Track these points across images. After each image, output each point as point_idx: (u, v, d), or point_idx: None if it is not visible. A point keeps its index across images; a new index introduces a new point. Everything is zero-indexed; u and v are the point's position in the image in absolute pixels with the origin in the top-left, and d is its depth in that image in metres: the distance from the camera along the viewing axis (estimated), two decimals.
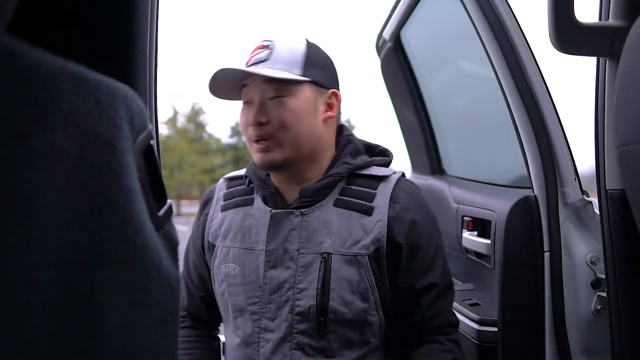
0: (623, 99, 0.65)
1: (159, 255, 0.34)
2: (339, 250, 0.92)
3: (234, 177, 1.11)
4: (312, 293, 0.91)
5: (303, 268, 0.93)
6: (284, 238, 0.95)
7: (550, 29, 0.77)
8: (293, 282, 0.93)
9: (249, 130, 0.96)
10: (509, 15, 1.13)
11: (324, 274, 0.91)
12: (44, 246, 0.24)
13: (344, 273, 0.91)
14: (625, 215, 0.74)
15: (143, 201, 0.33)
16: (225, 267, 1.00)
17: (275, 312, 0.94)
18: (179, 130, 28.97)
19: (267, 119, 0.94)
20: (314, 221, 0.95)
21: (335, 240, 0.93)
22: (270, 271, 0.94)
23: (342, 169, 0.98)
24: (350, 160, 0.99)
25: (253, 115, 0.94)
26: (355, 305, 0.91)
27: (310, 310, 0.91)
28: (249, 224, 0.99)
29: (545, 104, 1.12)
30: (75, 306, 0.27)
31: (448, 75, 1.74)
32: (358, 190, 0.97)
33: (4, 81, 0.22)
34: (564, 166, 1.11)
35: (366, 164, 1.00)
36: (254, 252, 0.97)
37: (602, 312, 1.05)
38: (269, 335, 0.94)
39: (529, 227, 1.12)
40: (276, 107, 0.94)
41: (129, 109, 0.32)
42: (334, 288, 0.91)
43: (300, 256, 0.93)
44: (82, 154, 0.27)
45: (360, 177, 0.99)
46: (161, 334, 0.34)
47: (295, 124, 0.94)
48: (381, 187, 0.97)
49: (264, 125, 0.94)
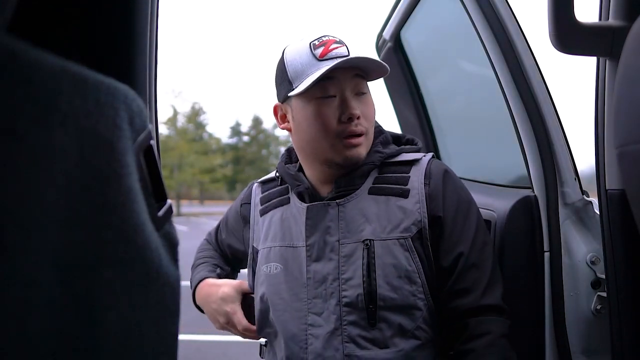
0: (623, 99, 0.65)
1: (159, 255, 0.34)
2: (380, 236, 0.92)
3: (266, 180, 1.12)
4: (359, 282, 0.90)
5: (345, 258, 0.92)
6: (323, 230, 0.94)
7: (550, 29, 0.77)
8: (337, 274, 0.92)
9: (340, 126, 0.94)
10: (509, 15, 1.13)
11: (367, 261, 0.90)
12: (44, 246, 0.24)
13: (388, 258, 0.90)
14: (625, 215, 0.74)
15: (143, 201, 0.33)
16: (266, 267, 0.99)
17: (322, 306, 0.92)
18: (179, 130, 28.99)
19: (360, 113, 0.94)
20: (351, 210, 0.94)
21: (375, 226, 0.92)
22: (313, 265, 0.94)
23: (375, 158, 0.98)
24: (382, 149, 1.00)
25: (350, 109, 0.93)
26: (403, 289, 0.90)
27: (359, 299, 0.89)
28: (288, 222, 1.00)
29: (545, 104, 1.12)
30: (75, 306, 0.27)
31: (448, 75, 1.74)
32: (392, 176, 0.97)
33: (5, 81, 0.22)
34: (564, 166, 1.11)
35: (397, 152, 1.01)
36: (296, 249, 0.97)
37: (602, 312, 1.05)
38: (317, 330, 0.92)
39: (529, 227, 1.12)
40: (364, 103, 0.96)
41: (129, 109, 0.32)
42: (379, 274, 0.89)
43: (342, 247, 0.93)
44: (82, 154, 0.26)
45: (392, 165, 0.99)
46: (161, 334, 0.34)
47: (373, 119, 0.98)
48: (414, 169, 0.97)
49: (360, 120, 0.94)
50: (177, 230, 0.38)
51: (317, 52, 0.94)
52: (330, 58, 0.93)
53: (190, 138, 28.63)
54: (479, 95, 1.56)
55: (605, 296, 0.97)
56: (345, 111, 0.93)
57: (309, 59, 0.94)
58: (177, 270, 0.36)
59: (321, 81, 0.92)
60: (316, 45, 0.95)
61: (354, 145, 0.94)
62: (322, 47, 0.95)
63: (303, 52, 0.96)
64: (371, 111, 0.97)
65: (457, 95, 1.73)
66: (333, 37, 0.97)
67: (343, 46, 0.96)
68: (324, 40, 0.96)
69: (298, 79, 0.95)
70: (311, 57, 0.94)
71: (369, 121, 0.96)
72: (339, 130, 0.93)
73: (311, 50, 0.95)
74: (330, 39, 0.96)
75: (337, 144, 0.94)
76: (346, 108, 0.93)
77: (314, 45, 0.95)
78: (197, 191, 34.30)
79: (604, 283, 1.04)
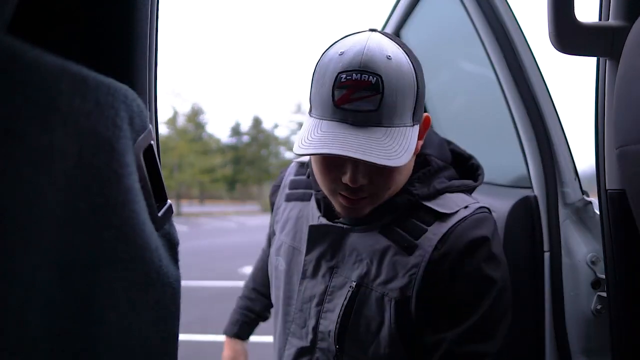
0: (623, 99, 0.65)
1: (159, 256, 0.34)
2: (368, 284, 0.83)
3: (303, 162, 1.02)
4: (335, 318, 0.85)
5: (334, 288, 0.87)
6: (321, 252, 0.89)
7: (550, 29, 0.77)
8: (322, 300, 0.88)
9: (338, 183, 0.79)
10: (509, 15, 1.13)
11: (347, 304, 0.83)
12: (44, 246, 0.24)
13: (369, 311, 0.82)
14: (625, 215, 0.74)
15: (143, 201, 0.33)
16: (276, 259, 0.99)
17: (304, 322, 0.90)
18: (179, 130, 28.99)
19: (367, 181, 0.78)
20: (353, 242, 0.85)
21: (367, 270, 0.83)
22: (306, 280, 0.91)
23: (401, 200, 0.83)
24: (416, 190, 0.83)
25: (353, 175, 0.76)
26: (372, 347, 0.82)
27: (330, 334, 0.85)
28: (301, 223, 0.95)
29: (545, 104, 1.12)
30: (75, 306, 0.27)
31: (448, 75, 1.74)
32: (410, 222, 0.82)
33: (4, 81, 0.22)
34: (564, 166, 1.11)
35: (436, 192, 0.84)
36: (300, 254, 0.93)
37: (602, 312, 1.05)
38: (295, 341, 0.92)
39: (529, 227, 1.12)
40: (378, 172, 0.77)
41: (129, 109, 0.32)
42: (354, 322, 0.83)
43: (334, 275, 0.87)
44: (82, 154, 0.26)
45: (424, 209, 0.83)
46: (161, 334, 0.34)
47: (397, 181, 0.81)
48: (436, 225, 0.80)
49: (363, 186, 0.78)
50: (177, 230, 0.38)
51: (337, 94, 0.72)
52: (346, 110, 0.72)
53: (190, 138, 28.63)
54: (479, 95, 1.56)
55: (605, 296, 0.98)
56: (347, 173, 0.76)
57: (327, 97, 0.74)
58: (177, 270, 0.36)
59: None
60: (341, 82, 0.72)
61: (350, 204, 0.81)
62: (344, 90, 0.72)
63: (328, 77, 0.74)
64: (394, 178, 0.79)
65: (458, 95, 1.74)
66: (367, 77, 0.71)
67: (372, 96, 0.71)
68: (351, 80, 0.72)
69: (314, 110, 0.78)
70: (329, 95, 0.73)
71: (385, 187, 0.80)
72: (334, 189, 0.80)
73: (334, 84, 0.73)
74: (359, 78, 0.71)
75: (334, 199, 0.83)
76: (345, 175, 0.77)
77: (339, 80, 0.72)
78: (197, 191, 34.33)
79: (604, 283, 1.04)
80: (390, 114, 0.73)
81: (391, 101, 0.72)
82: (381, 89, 0.72)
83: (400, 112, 0.74)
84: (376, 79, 0.72)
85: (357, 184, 0.76)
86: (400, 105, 0.74)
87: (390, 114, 0.73)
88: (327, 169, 0.79)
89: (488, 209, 0.86)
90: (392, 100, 0.72)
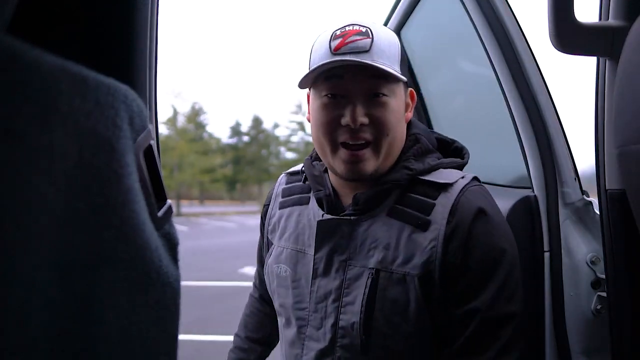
0: (623, 99, 0.65)
1: (159, 255, 0.34)
2: (387, 267, 0.83)
3: (294, 172, 1.04)
4: (357, 309, 0.83)
5: (350, 281, 0.85)
6: (331, 247, 0.88)
7: (550, 29, 0.77)
8: (339, 295, 0.86)
9: (338, 131, 0.83)
10: (509, 15, 1.13)
11: (370, 291, 0.83)
12: (44, 246, 0.24)
13: (391, 293, 0.82)
14: (625, 215, 0.74)
15: (143, 201, 0.33)
16: (277, 267, 0.96)
17: (320, 322, 0.88)
18: (179, 130, 28.98)
19: (367, 120, 0.82)
20: (364, 231, 0.86)
21: (385, 255, 0.83)
22: (318, 279, 0.89)
23: (400, 175, 0.86)
24: (412, 165, 0.87)
25: (352, 114, 0.81)
26: (401, 328, 0.82)
27: (354, 327, 0.84)
28: (302, 225, 0.94)
29: (545, 104, 1.12)
30: (75, 306, 0.27)
31: (448, 75, 1.74)
32: (416, 199, 0.84)
33: (4, 81, 0.22)
34: (564, 166, 1.11)
35: (431, 168, 0.87)
36: (306, 256, 0.91)
37: (602, 312, 1.05)
38: (313, 344, 0.89)
39: (528, 227, 1.12)
40: (378, 107, 0.82)
41: (129, 109, 0.32)
42: (379, 308, 0.82)
43: (349, 268, 0.86)
44: (82, 154, 0.26)
45: (422, 184, 0.86)
46: (161, 334, 0.34)
47: (393, 128, 0.84)
48: (442, 197, 0.83)
49: (363, 127, 0.82)
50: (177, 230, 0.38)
51: (334, 44, 0.83)
52: (343, 53, 0.81)
53: (190, 138, 28.62)
54: (479, 95, 1.56)
55: (605, 296, 0.97)
56: (346, 115, 0.81)
57: (325, 51, 0.83)
58: (177, 270, 0.36)
59: (329, 79, 0.83)
60: (336, 36, 0.84)
61: (354, 158, 0.83)
62: (339, 39, 0.83)
63: (324, 41, 0.85)
64: (389, 117, 0.83)
65: (458, 95, 1.74)
66: (359, 27, 0.83)
67: (366, 38, 0.82)
68: (346, 31, 0.83)
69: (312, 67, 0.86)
70: (327, 49, 0.83)
71: (383, 129, 0.83)
72: (335, 138, 0.83)
73: (330, 40, 0.84)
74: (354, 28, 0.83)
75: (336, 155, 0.85)
76: (347, 111, 0.81)
77: (334, 35, 0.84)
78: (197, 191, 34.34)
79: (604, 283, 1.04)
80: (381, 55, 0.82)
81: (381, 45, 0.83)
82: (371, 35, 0.83)
83: (388, 57, 0.83)
84: (366, 29, 0.84)
85: (358, 122, 0.81)
86: (388, 52, 0.83)
87: (381, 55, 0.82)
88: (327, 112, 0.84)
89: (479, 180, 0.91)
90: (381, 44, 0.83)
